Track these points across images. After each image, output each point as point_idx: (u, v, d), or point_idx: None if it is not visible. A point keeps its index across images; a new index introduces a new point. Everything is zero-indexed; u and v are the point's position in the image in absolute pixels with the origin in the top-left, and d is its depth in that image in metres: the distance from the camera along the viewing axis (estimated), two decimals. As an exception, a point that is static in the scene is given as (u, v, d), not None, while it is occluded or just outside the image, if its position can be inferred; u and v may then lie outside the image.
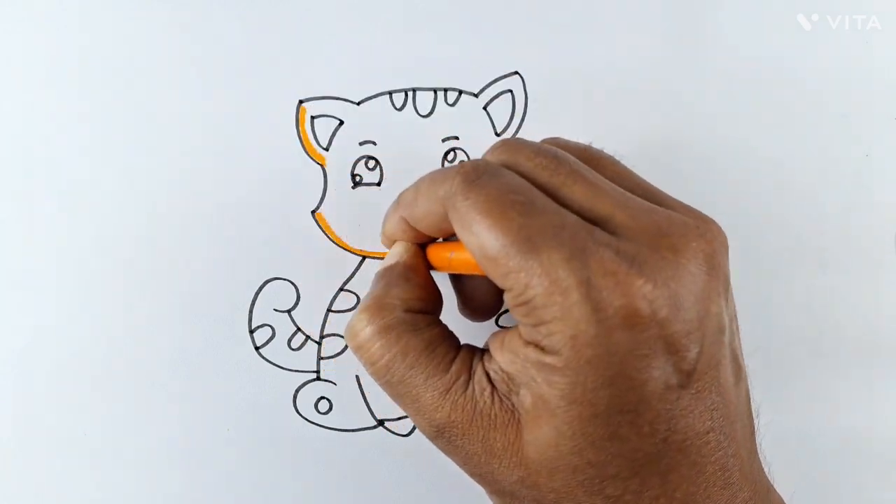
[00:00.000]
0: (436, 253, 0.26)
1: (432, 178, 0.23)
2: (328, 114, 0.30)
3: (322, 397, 0.31)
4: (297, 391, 0.31)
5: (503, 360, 0.22)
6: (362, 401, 0.31)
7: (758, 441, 0.24)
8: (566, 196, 0.21)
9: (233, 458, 0.31)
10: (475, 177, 0.21)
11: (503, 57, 0.31)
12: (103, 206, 0.30)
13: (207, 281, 0.30)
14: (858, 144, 0.33)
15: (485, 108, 0.31)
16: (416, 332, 0.23)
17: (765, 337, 0.33)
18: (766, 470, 0.24)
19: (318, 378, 0.31)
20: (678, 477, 0.21)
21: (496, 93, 0.31)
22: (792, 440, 0.33)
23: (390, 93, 0.30)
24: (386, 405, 0.31)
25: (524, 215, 0.20)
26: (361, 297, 0.31)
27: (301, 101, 0.30)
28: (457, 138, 0.31)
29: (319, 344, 0.31)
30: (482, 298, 0.27)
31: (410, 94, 0.31)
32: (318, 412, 0.31)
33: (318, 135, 0.30)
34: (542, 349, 0.20)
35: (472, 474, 0.23)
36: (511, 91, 0.31)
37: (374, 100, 0.30)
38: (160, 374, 0.30)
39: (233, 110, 0.30)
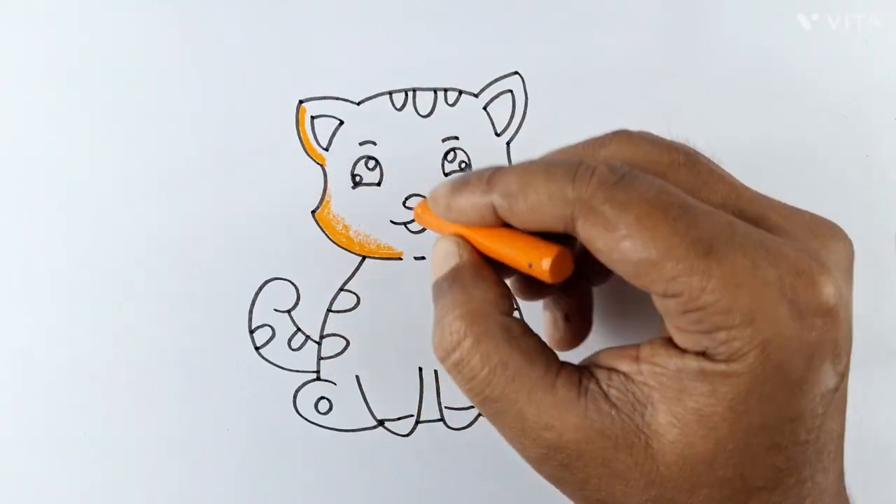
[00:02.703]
0: (499, 250, 0.23)
1: (550, 174, 0.20)
2: (328, 114, 0.30)
3: (322, 397, 0.31)
4: (297, 391, 0.31)
5: (639, 373, 0.20)
6: (362, 401, 0.31)
7: None
8: (709, 197, 0.20)
9: (233, 458, 0.31)
10: (616, 178, 0.19)
11: (503, 57, 0.31)
12: (103, 206, 0.30)
13: (207, 281, 0.30)
14: (858, 144, 0.33)
15: (485, 108, 0.31)
16: (515, 342, 0.21)
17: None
18: None
19: (318, 378, 0.31)
20: (811, 485, 0.20)
21: (496, 93, 0.31)
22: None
23: (390, 93, 0.30)
24: (386, 405, 0.31)
25: (686, 215, 0.19)
26: (361, 298, 0.31)
27: (301, 101, 0.30)
28: (457, 138, 0.31)
29: (319, 344, 0.31)
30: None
31: (410, 94, 0.31)
32: (318, 412, 0.31)
33: (318, 135, 0.30)
34: (707, 357, 0.19)
35: (585, 499, 0.21)
36: (511, 91, 0.31)
37: (374, 100, 0.30)
38: (160, 374, 0.30)
39: (233, 110, 0.30)
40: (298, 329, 0.31)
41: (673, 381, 0.19)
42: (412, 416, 0.32)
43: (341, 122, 0.30)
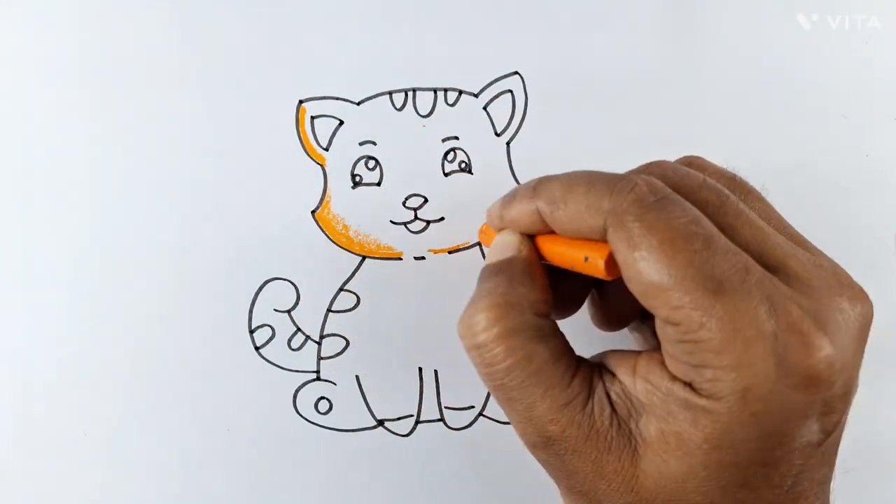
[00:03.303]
0: (557, 250, 0.23)
1: (591, 185, 0.21)
2: (328, 114, 0.30)
3: (322, 397, 0.31)
4: (296, 391, 0.31)
5: (633, 386, 0.21)
6: (362, 401, 0.31)
7: None
8: (734, 237, 0.21)
9: (233, 458, 0.31)
10: (652, 198, 0.20)
11: (503, 57, 0.31)
12: (103, 206, 0.30)
13: (207, 281, 0.30)
14: (858, 144, 0.33)
15: (485, 108, 0.31)
16: (543, 340, 0.22)
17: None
18: None
19: (318, 378, 0.31)
20: None
21: (496, 93, 0.31)
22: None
23: (390, 93, 0.30)
24: (386, 405, 0.31)
25: (707, 250, 0.19)
26: (361, 298, 0.31)
27: (301, 101, 0.30)
28: (457, 138, 0.31)
29: (319, 344, 0.31)
30: (626, 310, 0.26)
31: (410, 94, 0.31)
32: (318, 412, 0.31)
33: (318, 135, 0.30)
34: (694, 390, 0.20)
35: (569, 490, 0.23)
36: (511, 91, 0.31)
37: (374, 100, 0.30)
38: (160, 374, 0.30)
39: (233, 110, 0.30)
40: (298, 329, 0.31)
41: (661, 401, 0.20)
42: (412, 416, 0.32)
43: (341, 122, 0.30)
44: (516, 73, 0.31)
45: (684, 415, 0.20)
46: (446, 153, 0.31)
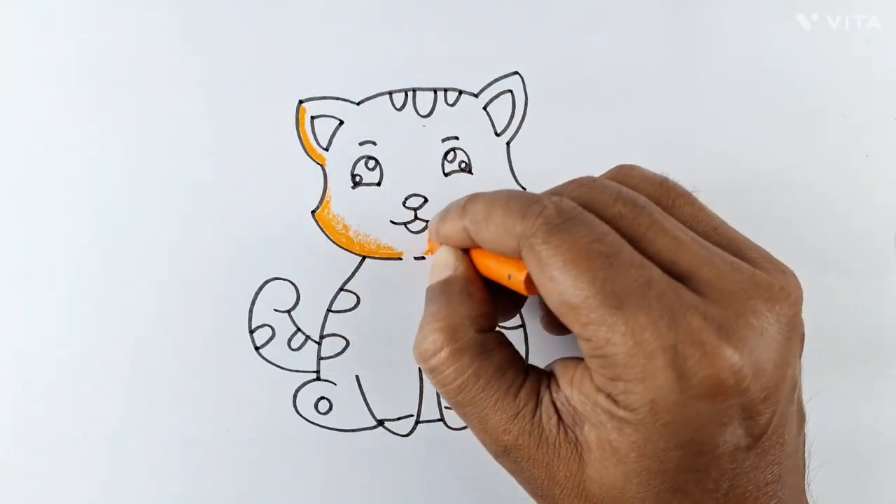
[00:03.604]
0: (487, 264, 0.25)
1: (507, 208, 0.22)
2: (328, 114, 0.30)
3: (322, 397, 0.31)
4: (297, 391, 0.31)
5: (572, 396, 0.22)
6: (362, 401, 0.31)
7: (806, 480, 0.24)
8: (647, 248, 0.21)
9: (233, 458, 0.31)
10: (558, 220, 0.21)
11: (503, 57, 0.31)
12: (103, 206, 0.30)
13: (207, 281, 0.30)
14: (858, 144, 0.33)
15: (485, 108, 0.31)
16: (488, 355, 0.23)
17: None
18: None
19: (318, 378, 0.31)
20: None
21: (496, 93, 0.31)
22: (792, 440, 0.33)
23: (390, 93, 0.30)
24: (386, 405, 0.31)
25: (609, 267, 0.20)
26: (361, 298, 0.31)
27: (301, 101, 0.30)
28: (457, 138, 0.31)
29: (319, 344, 0.31)
30: None
31: (410, 94, 0.31)
32: (318, 412, 0.31)
33: (318, 135, 0.30)
34: (615, 401, 0.20)
35: (533, 495, 0.24)
36: (511, 91, 0.31)
37: (374, 100, 0.30)
38: (160, 374, 0.30)
39: (233, 110, 0.30)
40: (298, 329, 0.31)
41: (592, 411, 0.21)
42: (412, 416, 0.32)
43: (341, 122, 0.30)
44: (516, 73, 0.31)
45: (611, 424, 0.21)
46: (446, 153, 0.31)
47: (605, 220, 0.21)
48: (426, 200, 0.31)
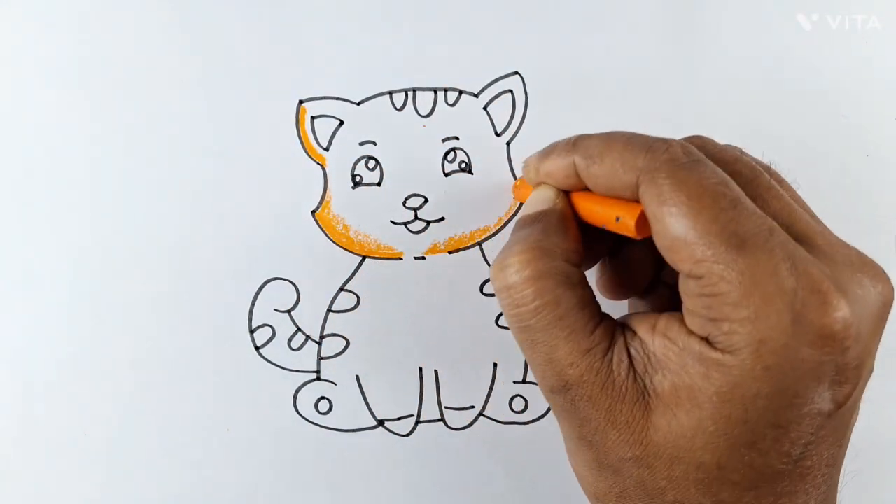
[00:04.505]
0: (591, 206, 0.24)
1: (629, 143, 0.22)
2: (328, 114, 0.30)
3: (322, 397, 0.31)
4: (297, 391, 0.31)
5: (652, 342, 0.22)
6: (362, 401, 0.31)
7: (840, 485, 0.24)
8: (764, 208, 0.21)
9: (233, 458, 0.31)
10: (685, 159, 0.21)
11: (503, 57, 0.31)
12: (103, 206, 0.30)
13: (207, 281, 0.30)
14: (858, 144, 0.33)
15: (485, 108, 0.31)
16: (571, 287, 0.23)
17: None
18: None
19: (318, 378, 0.31)
20: (787, 502, 0.21)
21: (496, 93, 0.31)
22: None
23: (390, 93, 0.30)
24: (386, 405, 0.31)
25: (733, 209, 0.20)
26: (361, 298, 0.31)
27: (301, 101, 0.30)
28: (457, 138, 0.31)
29: (319, 344, 0.31)
30: (639, 275, 0.26)
31: (410, 94, 0.31)
32: (318, 412, 0.31)
33: (318, 135, 0.30)
34: (709, 344, 0.20)
35: (580, 438, 0.23)
36: (511, 91, 0.31)
37: (374, 100, 0.30)
38: (160, 375, 0.30)
39: (233, 110, 0.30)
40: (298, 329, 0.31)
41: (677, 356, 0.21)
42: (412, 416, 0.32)
43: (341, 122, 0.30)
44: (516, 73, 0.31)
45: (697, 369, 0.20)
46: (446, 153, 0.31)
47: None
48: (426, 200, 0.31)
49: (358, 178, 0.31)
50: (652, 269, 0.26)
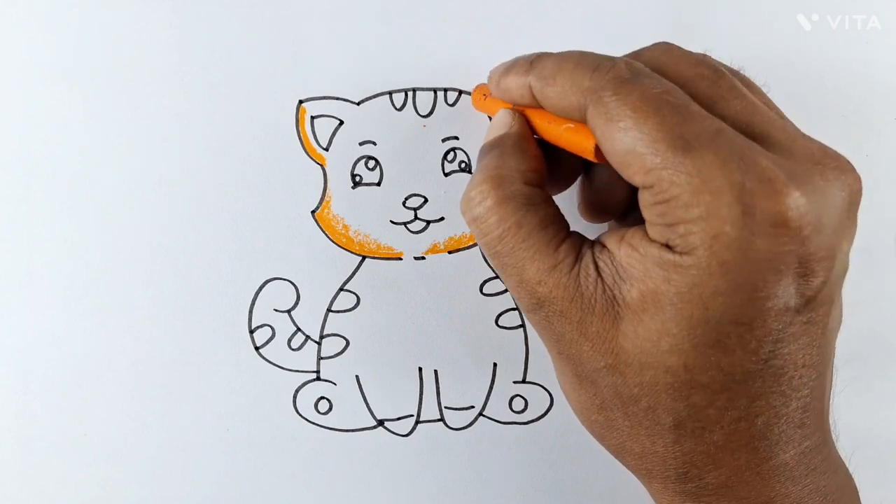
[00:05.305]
0: (544, 121, 0.24)
1: (578, 64, 0.22)
2: (328, 114, 0.30)
3: (322, 397, 0.31)
4: (296, 391, 0.31)
5: (618, 251, 0.22)
6: (362, 401, 0.31)
7: (831, 405, 0.24)
8: (723, 110, 0.21)
9: (233, 458, 0.31)
10: (629, 75, 0.21)
11: (503, 57, 0.31)
12: (103, 206, 0.30)
13: (207, 281, 0.30)
14: (858, 144, 0.33)
15: (485, 108, 0.31)
16: (532, 207, 0.23)
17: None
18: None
19: (318, 378, 0.31)
20: (764, 404, 0.21)
21: (496, 93, 0.31)
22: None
23: (390, 93, 0.30)
24: (386, 405, 0.31)
25: (678, 114, 0.20)
26: (361, 298, 0.31)
27: (301, 101, 0.30)
28: (457, 138, 0.31)
29: (319, 344, 0.31)
30: (613, 195, 0.26)
31: (410, 94, 0.31)
32: (318, 412, 0.31)
33: (318, 135, 0.30)
34: (669, 248, 0.20)
35: (559, 353, 0.23)
36: (511, 91, 0.31)
37: (374, 100, 0.30)
38: (160, 374, 0.30)
39: (233, 110, 0.30)
40: (298, 329, 0.31)
41: (640, 263, 0.21)
42: (412, 416, 0.32)
43: (341, 122, 0.30)
44: (516, 73, 0.31)
45: (658, 273, 0.20)
46: (446, 153, 0.31)
47: (684, 80, 0.22)
48: (426, 200, 0.31)
49: (358, 178, 0.31)
50: (625, 190, 0.26)
